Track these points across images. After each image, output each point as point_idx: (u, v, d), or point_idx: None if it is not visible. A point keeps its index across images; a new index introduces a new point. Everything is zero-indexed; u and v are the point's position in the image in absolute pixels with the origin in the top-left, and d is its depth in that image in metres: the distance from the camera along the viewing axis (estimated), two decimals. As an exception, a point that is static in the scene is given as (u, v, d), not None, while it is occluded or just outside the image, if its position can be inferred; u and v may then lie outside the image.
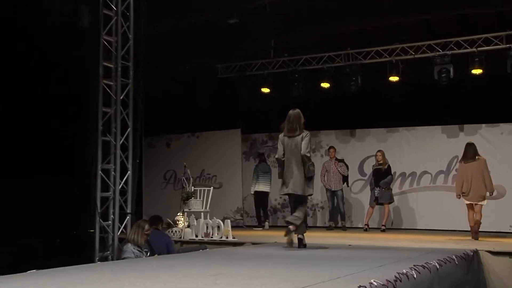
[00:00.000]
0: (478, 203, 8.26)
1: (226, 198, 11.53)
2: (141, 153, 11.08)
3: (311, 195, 6.29)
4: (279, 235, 9.04)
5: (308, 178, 6.12)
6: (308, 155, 6.11)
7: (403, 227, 10.66)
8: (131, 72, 7.52)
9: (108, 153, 7.28)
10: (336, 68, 10.34)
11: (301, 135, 6.16)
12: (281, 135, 6.27)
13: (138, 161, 8.18)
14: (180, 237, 8.11)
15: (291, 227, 6.10)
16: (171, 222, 8.36)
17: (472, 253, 6.11)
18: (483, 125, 10.26)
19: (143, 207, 11.95)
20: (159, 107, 11.53)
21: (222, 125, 11.81)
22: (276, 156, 6.38)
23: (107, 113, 7.32)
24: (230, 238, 7.71)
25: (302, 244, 6.23)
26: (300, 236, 6.24)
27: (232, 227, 8.21)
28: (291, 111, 6.32)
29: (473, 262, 6.11)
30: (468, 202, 8.28)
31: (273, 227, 11.32)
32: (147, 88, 9.99)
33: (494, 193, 8.70)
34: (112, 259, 6.95)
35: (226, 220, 7.94)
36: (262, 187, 10.63)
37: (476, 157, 8.37)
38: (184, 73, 10.93)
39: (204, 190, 8.48)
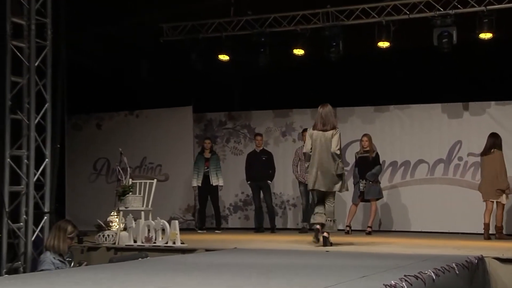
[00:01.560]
0: (489, 200, 8.73)
1: (173, 194, 11.50)
2: (63, 136, 10.85)
3: (340, 191, 7.59)
4: (239, 239, 9.11)
5: (338, 176, 7.41)
6: (338, 152, 7.38)
7: (393, 229, 10.85)
8: (49, 32, 7.29)
9: (19, 136, 7.05)
10: (312, 30, 10.31)
11: (331, 132, 7.41)
12: (310, 130, 7.62)
13: (59, 146, 8.00)
14: (114, 243, 8.02)
15: (318, 226, 7.45)
16: (102, 224, 8.26)
17: (476, 261, 6.23)
18: (492, 102, 10.46)
19: (66, 204, 11.82)
20: (87, 78, 11.32)
21: (169, 102, 11.71)
22: (304, 151, 7.79)
23: (17, 84, 7.07)
24: (178, 244, 7.68)
25: (328, 242, 7.48)
26: (326, 234, 7.49)
27: (181, 229, 8.22)
28: (321, 109, 7.61)
29: (478, 272, 6.23)
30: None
31: (232, 229, 11.33)
32: (71, 53, 9.75)
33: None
34: (25, 272, 6.79)
35: (173, 221, 7.89)
36: (214, 180, 10.68)
37: (492, 150, 8.76)
38: (120, 35, 10.72)
39: (146, 183, 8.40)
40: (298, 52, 10.37)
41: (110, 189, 10.50)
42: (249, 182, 10.80)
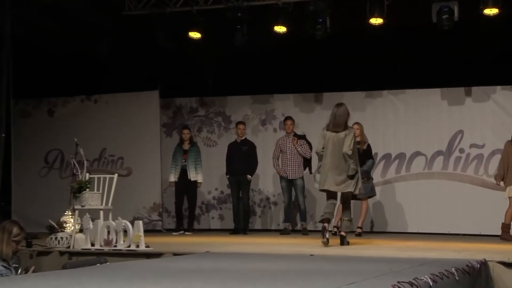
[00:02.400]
0: None
1: (137, 191, 11.48)
2: (9, 124, 10.73)
3: (353, 193, 8.21)
4: (212, 242, 9.10)
5: (350, 177, 8.05)
6: (350, 153, 8.01)
7: (387, 230, 10.93)
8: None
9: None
10: (295, 4, 10.29)
11: (344, 132, 8.08)
12: (323, 129, 8.24)
13: (3, 135, 7.89)
14: (69, 246, 7.97)
15: (325, 224, 8.07)
16: (55, 225, 8.20)
17: (478, 265, 6.29)
18: (498, 87, 10.56)
19: (13, 203, 11.74)
20: (36, 57, 11.19)
21: (132, 85, 11.66)
22: (315, 150, 8.48)
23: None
24: (142, 247, 7.65)
25: (346, 241, 8.20)
26: (343, 233, 8.18)
27: (146, 231, 8.23)
28: (335, 108, 8.25)
29: (480, 278, 6.28)
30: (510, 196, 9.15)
31: (204, 231, 11.34)
32: (18, 29, 9.62)
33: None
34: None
35: (137, 222, 7.86)
36: (192, 175, 10.69)
37: None
38: (75, 9, 10.59)
39: (105, 178, 8.34)
40: (280, 29, 10.36)
41: (64, 185, 10.45)
42: (228, 176, 10.80)
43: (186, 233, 10.70)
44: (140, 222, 7.86)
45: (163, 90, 11.67)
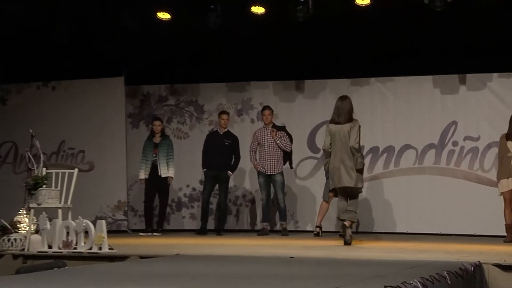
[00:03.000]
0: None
1: (100, 187, 11.45)
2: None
3: (360, 188, 8.63)
4: (183, 243, 9.07)
5: (358, 170, 8.47)
6: (357, 146, 8.49)
7: (374, 230, 10.99)
8: None
9: None
10: (275, -17, 10.29)
11: (349, 125, 8.50)
12: (328, 124, 8.70)
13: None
14: (23, 249, 7.89)
15: (346, 223, 8.48)
16: (8, 226, 8.11)
17: (472, 268, 6.34)
18: (495, 74, 10.64)
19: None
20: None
21: (95, 71, 11.59)
22: (323, 147, 8.87)
23: None
24: (106, 250, 7.61)
25: (348, 235, 8.56)
26: (346, 223, 8.52)
27: (110, 232, 8.18)
28: (339, 102, 8.70)
29: (474, 281, 6.34)
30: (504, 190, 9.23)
31: (174, 231, 11.32)
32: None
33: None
34: None
35: (99, 221, 7.81)
36: (163, 171, 10.68)
37: None
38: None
39: (64, 173, 8.28)
40: (258, 10, 10.33)
41: (18, 181, 10.36)
42: (205, 170, 10.78)
43: (155, 234, 10.69)
44: (103, 222, 7.82)
45: (129, 76, 11.61)
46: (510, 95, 10.52)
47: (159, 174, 10.69)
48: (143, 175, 10.79)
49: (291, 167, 10.88)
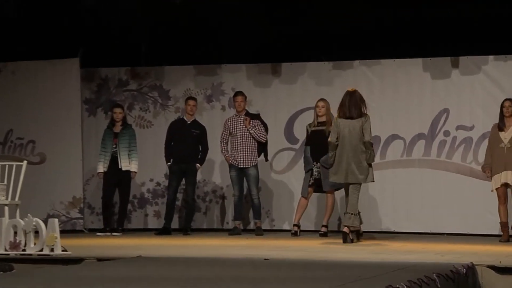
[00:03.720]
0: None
1: (53, 182, 11.39)
2: None
3: (365, 182, 9.29)
4: (145, 244, 9.06)
5: (369, 165, 9.16)
6: (372, 141, 9.29)
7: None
8: None
9: None
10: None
11: (360, 119, 9.15)
12: (336, 118, 9.32)
13: None
14: (-35, 251, 7.83)
15: (345, 229, 9.10)
16: None
17: (465, 270, 6.39)
18: (490, 57, 10.67)
19: None
20: None
21: (46, 51, 11.49)
22: (329, 140, 9.29)
23: None
24: (58, 251, 7.57)
25: (349, 239, 9.07)
26: (346, 229, 9.09)
27: (64, 231, 8.25)
28: (347, 97, 9.27)
29: (466, 284, 6.38)
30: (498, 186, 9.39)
31: (136, 230, 11.30)
32: None
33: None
34: None
35: (51, 220, 7.76)
36: (124, 164, 10.65)
37: None
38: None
39: (12, 166, 8.23)
40: (229, -16, 10.31)
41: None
42: (169, 163, 10.76)
43: (114, 233, 10.66)
44: (56, 220, 7.78)
45: (85, 57, 11.52)
46: (507, 80, 10.57)
47: (120, 167, 10.65)
48: (101, 168, 10.74)
49: (266, 160, 10.89)
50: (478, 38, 10.41)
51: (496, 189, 9.53)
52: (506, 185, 9.51)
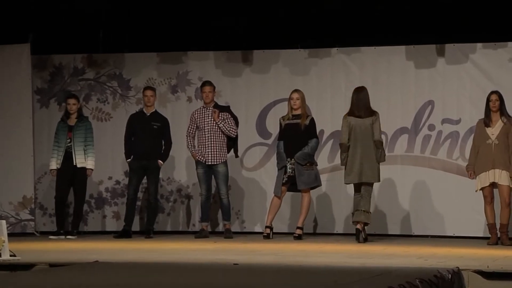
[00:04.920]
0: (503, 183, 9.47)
1: (0, 180, 11.34)
2: None
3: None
4: (103, 248, 9.03)
5: (378, 164, 9.87)
6: (382, 140, 9.97)
7: (335, 232, 11.08)
8: None
9: None
10: None
11: (371, 118, 9.83)
12: (346, 116, 9.89)
13: None
14: None
15: (359, 226, 9.76)
16: None
17: (450, 275, 6.45)
18: (479, 45, 10.74)
19: None
20: None
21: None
22: (341, 141, 9.95)
23: None
24: (6, 256, 7.56)
25: (362, 238, 9.77)
26: (359, 226, 9.79)
27: (13, 234, 8.37)
28: (355, 95, 9.95)
29: (452, 290, 6.47)
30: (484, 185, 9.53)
31: (93, 233, 11.25)
32: None
33: None
34: None
35: (-1, 222, 7.75)
36: (80, 160, 10.61)
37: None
38: None
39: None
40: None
41: None
42: (129, 160, 10.73)
43: (69, 237, 10.63)
44: (3, 222, 7.77)
45: (37, 43, 11.44)
46: (496, 70, 10.66)
47: (74, 164, 10.62)
48: (54, 165, 10.70)
49: (237, 156, 10.89)
50: (465, 23, 10.48)
51: (482, 188, 9.60)
52: (493, 184, 9.58)
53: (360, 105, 9.85)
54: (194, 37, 11.41)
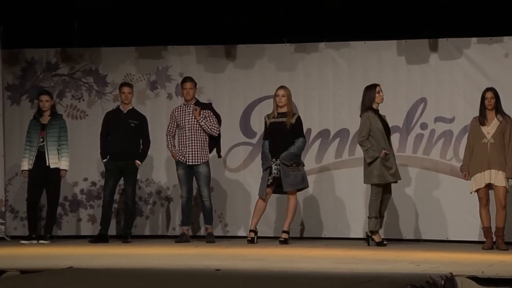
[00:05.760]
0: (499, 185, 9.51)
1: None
2: None
3: (372, 185, 10.12)
4: (77, 254, 9.01)
5: (368, 164, 10.09)
6: (359, 140, 10.21)
7: (323, 236, 11.11)
8: None
9: None
10: None
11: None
12: (367, 112, 10.19)
13: None
14: None
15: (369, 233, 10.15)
16: None
17: (443, 281, 6.48)
18: (473, 39, 10.78)
19: None
20: None
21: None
22: (360, 139, 10.16)
23: None
24: (-25, 263, 7.54)
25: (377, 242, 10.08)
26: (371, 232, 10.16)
27: None
28: (368, 91, 10.21)
29: (445, 297, 6.50)
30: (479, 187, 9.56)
31: (67, 238, 11.23)
32: None
33: None
34: None
35: (-33, 226, 7.73)
36: (53, 160, 10.60)
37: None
38: None
39: None
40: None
41: None
42: (105, 160, 10.72)
43: (41, 241, 10.61)
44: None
45: (7, 36, 11.42)
46: (492, 66, 10.69)
47: (47, 165, 10.60)
48: (26, 165, 10.69)
49: (219, 156, 10.89)
50: (459, 17, 10.50)
51: (477, 190, 9.64)
52: (488, 185, 9.62)
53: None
54: (175, 30, 11.39)
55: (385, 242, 10.01)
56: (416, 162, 10.81)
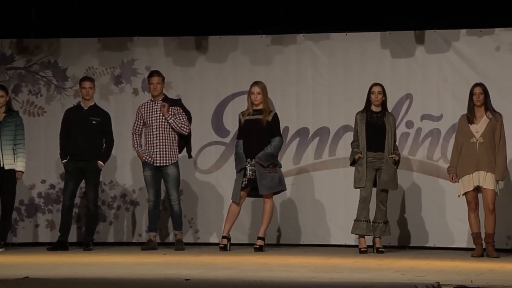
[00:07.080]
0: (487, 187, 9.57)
1: None
2: None
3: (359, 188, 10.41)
4: (34, 262, 8.96)
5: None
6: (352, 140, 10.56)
7: (301, 242, 11.15)
8: None
9: None
10: None
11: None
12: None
13: None
14: None
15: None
16: None
17: (429, 291, 6.54)
18: (462, 31, 10.84)
19: None
20: None
21: None
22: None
23: None
24: None
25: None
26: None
27: None
28: (375, 87, 10.35)
29: (432, 308, 6.51)
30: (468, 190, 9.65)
31: (24, 245, 11.22)
32: None
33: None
34: None
35: None
36: (8, 161, 10.60)
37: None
38: None
39: None
40: None
41: None
42: (65, 161, 10.72)
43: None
44: None
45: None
46: (482, 59, 10.76)
47: (1, 166, 10.58)
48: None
49: (190, 156, 10.90)
50: (448, 7, 10.56)
51: (466, 193, 9.71)
52: (477, 188, 9.69)
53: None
54: (141, 20, 11.38)
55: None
56: (401, 163, 10.83)
